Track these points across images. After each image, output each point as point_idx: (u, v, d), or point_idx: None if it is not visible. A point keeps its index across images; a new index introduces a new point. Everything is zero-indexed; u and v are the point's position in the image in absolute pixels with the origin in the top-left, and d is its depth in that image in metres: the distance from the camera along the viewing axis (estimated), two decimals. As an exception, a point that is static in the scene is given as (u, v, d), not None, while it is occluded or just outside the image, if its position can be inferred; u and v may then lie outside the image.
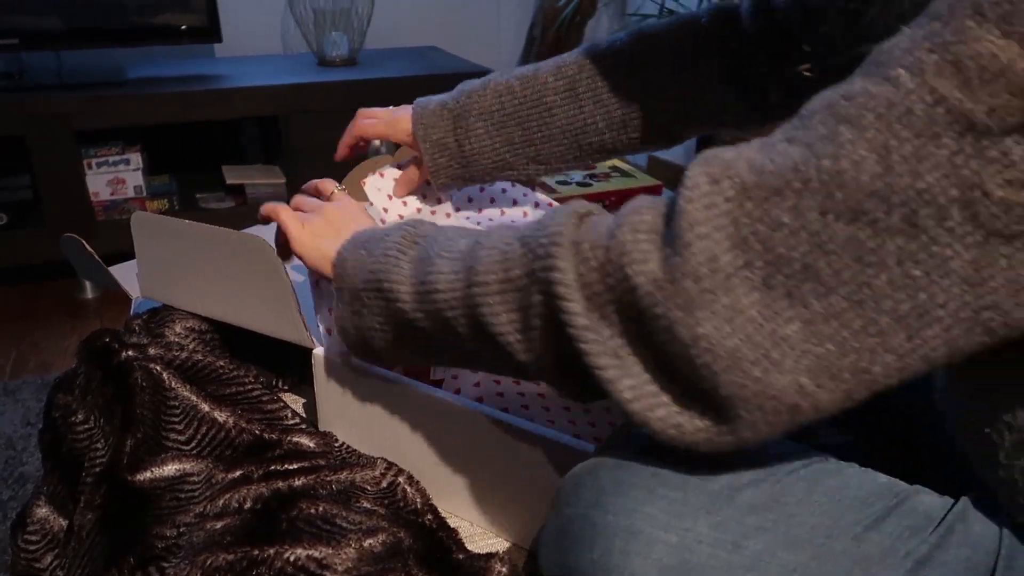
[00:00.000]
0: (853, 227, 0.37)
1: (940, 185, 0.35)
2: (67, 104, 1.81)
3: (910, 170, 0.36)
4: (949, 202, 0.35)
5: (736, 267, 0.39)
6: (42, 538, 0.73)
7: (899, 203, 0.36)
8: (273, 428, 0.73)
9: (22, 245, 1.88)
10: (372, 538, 0.60)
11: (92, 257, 0.87)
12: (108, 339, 0.76)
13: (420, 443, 0.68)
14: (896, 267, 0.37)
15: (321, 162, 2.06)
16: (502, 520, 0.66)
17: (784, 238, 0.38)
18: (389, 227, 0.59)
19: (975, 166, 0.35)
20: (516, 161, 0.80)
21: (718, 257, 0.39)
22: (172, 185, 2.09)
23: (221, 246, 0.75)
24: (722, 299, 0.39)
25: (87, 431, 0.74)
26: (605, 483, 0.46)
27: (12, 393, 1.53)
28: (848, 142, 0.37)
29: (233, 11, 2.26)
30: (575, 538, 0.45)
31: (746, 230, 0.39)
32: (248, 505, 0.64)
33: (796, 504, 0.44)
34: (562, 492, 0.48)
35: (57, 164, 1.85)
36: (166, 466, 0.68)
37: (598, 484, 0.46)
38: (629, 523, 0.43)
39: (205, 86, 1.94)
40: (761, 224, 0.38)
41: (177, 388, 0.72)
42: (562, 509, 0.47)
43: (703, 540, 0.42)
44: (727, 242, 0.39)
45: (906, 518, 0.45)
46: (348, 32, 2.22)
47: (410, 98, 0.85)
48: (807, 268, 0.38)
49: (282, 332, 0.74)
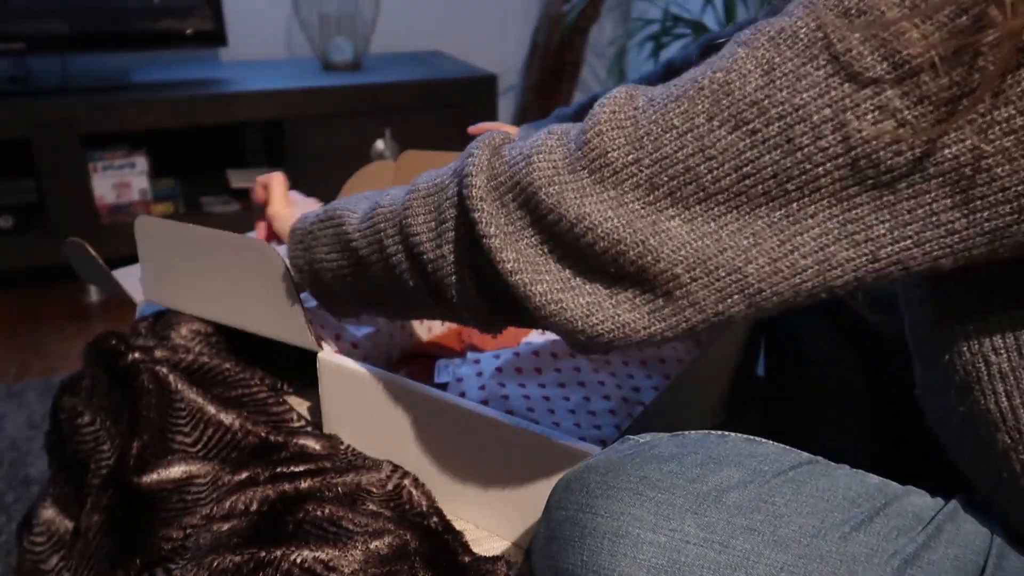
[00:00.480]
0: (735, 135, 0.40)
1: (815, 104, 0.38)
2: (73, 108, 1.82)
3: (789, 86, 0.39)
4: (822, 121, 0.38)
5: (625, 163, 0.43)
6: (48, 539, 0.73)
7: (777, 116, 0.39)
8: (279, 431, 0.73)
9: (27, 249, 1.89)
10: (378, 540, 0.60)
11: (96, 261, 0.88)
12: (115, 342, 0.76)
13: (425, 445, 0.69)
14: (771, 180, 0.40)
15: (325, 166, 2.07)
16: (507, 522, 0.66)
17: (672, 139, 0.42)
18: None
19: (847, 90, 0.37)
20: None
21: (609, 153, 0.43)
22: (177, 189, 2.10)
23: (225, 250, 0.75)
24: (610, 191, 0.43)
25: (93, 433, 0.75)
26: (593, 486, 0.46)
27: (17, 396, 1.53)
28: (740, 58, 0.40)
29: (238, 16, 2.27)
30: (564, 541, 0.45)
31: (642, 131, 0.43)
32: (255, 507, 0.64)
33: (784, 504, 0.44)
34: (552, 496, 0.49)
35: (62, 168, 1.85)
36: (172, 468, 0.68)
37: (586, 487, 0.46)
38: (617, 525, 0.44)
39: (210, 90, 1.94)
40: (655, 126, 0.42)
41: (183, 390, 0.72)
42: (552, 513, 0.48)
43: (691, 540, 0.43)
44: (622, 139, 0.43)
45: (894, 518, 0.45)
46: (353, 37, 2.22)
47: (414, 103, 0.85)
48: (689, 170, 0.41)
49: (287, 336, 0.75)
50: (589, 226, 0.43)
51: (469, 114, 2.10)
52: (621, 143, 0.43)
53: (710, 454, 0.47)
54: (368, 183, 1.29)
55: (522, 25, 2.55)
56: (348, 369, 0.71)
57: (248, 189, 2.08)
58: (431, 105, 2.08)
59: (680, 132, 0.41)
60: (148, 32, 1.95)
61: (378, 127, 2.07)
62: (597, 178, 0.43)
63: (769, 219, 0.41)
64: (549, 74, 2.41)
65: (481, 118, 2.12)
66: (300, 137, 2.02)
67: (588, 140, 0.44)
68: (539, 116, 2.47)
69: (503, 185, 0.47)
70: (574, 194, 0.44)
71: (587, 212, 0.43)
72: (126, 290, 0.91)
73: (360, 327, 0.83)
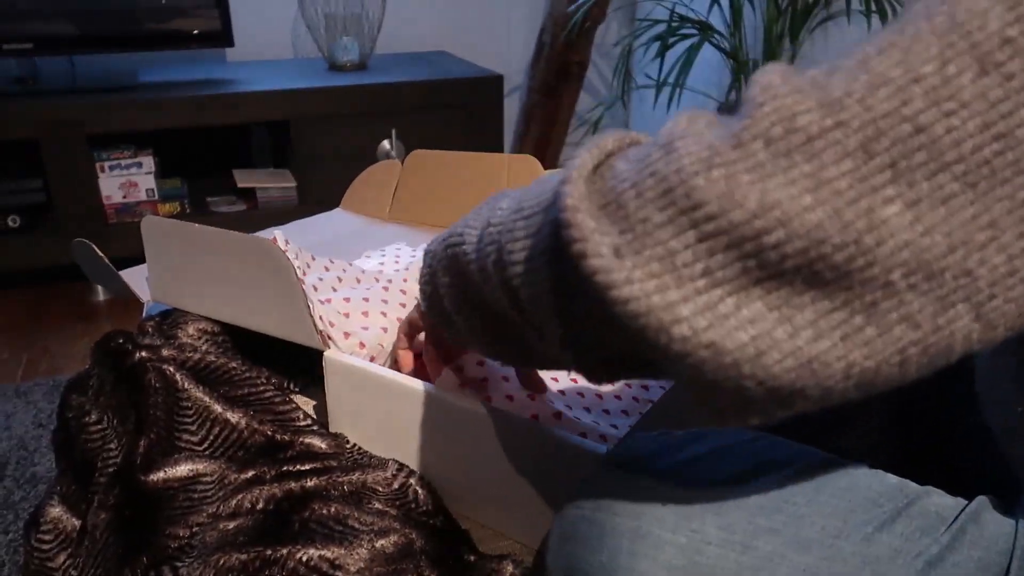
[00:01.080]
0: (983, 81, 0.30)
1: None
2: (81, 108, 1.83)
3: None
4: None
5: (823, 128, 0.31)
6: (55, 538, 0.73)
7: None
8: (285, 429, 0.73)
9: (34, 248, 1.89)
10: (384, 539, 0.60)
11: (103, 262, 0.88)
12: (122, 340, 0.76)
13: (431, 444, 0.69)
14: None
15: (331, 166, 2.07)
16: (513, 520, 0.66)
17: (890, 94, 0.30)
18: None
19: None
20: None
21: (798, 117, 0.31)
22: (183, 188, 2.10)
23: (231, 249, 0.75)
24: (802, 165, 0.31)
25: (100, 431, 0.75)
26: (611, 484, 0.45)
27: (24, 395, 1.54)
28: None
29: (245, 16, 2.27)
30: (582, 540, 0.45)
31: (838, 92, 0.31)
32: (261, 506, 0.64)
33: (805, 505, 0.44)
34: (568, 496, 0.48)
35: (70, 167, 1.86)
36: (179, 467, 0.68)
37: (604, 486, 0.45)
38: (637, 524, 0.43)
39: (217, 90, 1.95)
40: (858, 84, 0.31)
41: (190, 389, 0.72)
42: (568, 511, 0.47)
43: (712, 541, 0.42)
44: (812, 102, 0.31)
45: (917, 518, 0.44)
46: (359, 37, 2.23)
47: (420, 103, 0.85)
48: (920, 131, 0.30)
49: (293, 334, 0.75)
50: (780, 219, 0.30)
51: (475, 114, 2.10)
52: (811, 106, 0.31)
53: (728, 452, 0.46)
54: (374, 184, 1.29)
55: (528, 25, 2.56)
56: (354, 368, 0.71)
57: (254, 189, 2.08)
58: (437, 105, 2.09)
59: (900, 85, 0.30)
60: (155, 32, 1.96)
61: (384, 127, 2.07)
62: (782, 149, 0.31)
63: (1014, 201, 0.31)
64: (555, 74, 2.41)
65: (487, 118, 2.12)
66: (306, 137, 2.02)
67: (760, 105, 0.31)
68: (545, 117, 2.47)
69: (622, 184, 0.34)
70: (750, 175, 0.31)
71: (776, 199, 0.30)
72: (133, 290, 0.91)
73: (366, 326, 0.83)
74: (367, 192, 1.29)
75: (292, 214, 1.95)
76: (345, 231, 1.22)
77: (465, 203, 1.17)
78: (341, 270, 0.93)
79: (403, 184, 1.25)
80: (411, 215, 1.24)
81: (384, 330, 0.84)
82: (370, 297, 0.85)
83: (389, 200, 1.27)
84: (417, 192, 1.23)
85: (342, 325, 0.80)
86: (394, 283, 0.88)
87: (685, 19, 2.22)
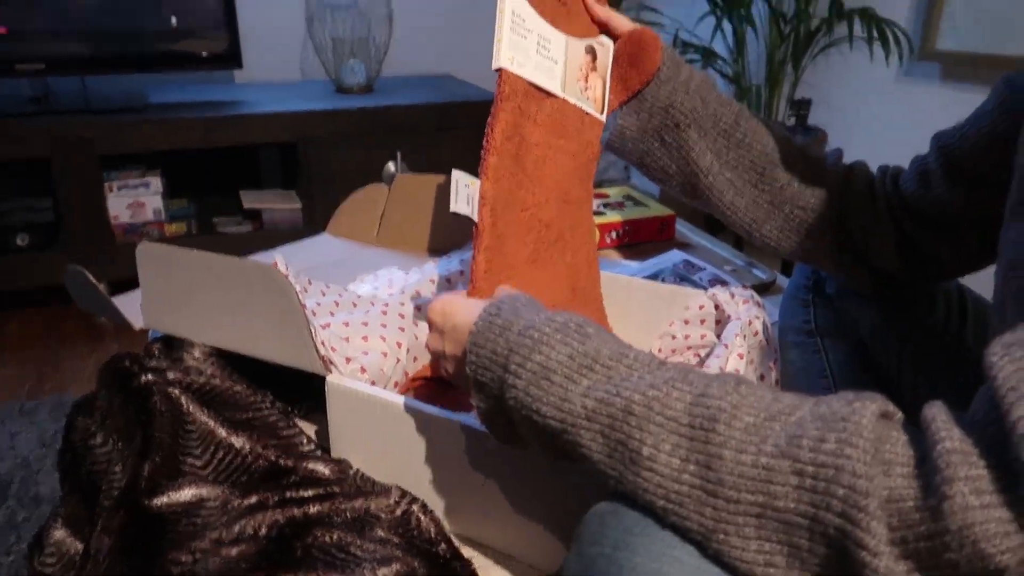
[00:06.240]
0: None
1: None
2: (92, 128, 1.85)
3: None
4: None
5: None
6: (58, 560, 0.74)
7: None
8: (289, 454, 0.74)
9: (42, 267, 1.91)
10: (386, 567, 0.60)
11: (96, 289, 0.87)
12: (128, 363, 0.77)
13: (434, 468, 0.69)
14: None
15: (338, 187, 2.08)
16: (517, 545, 0.66)
17: None
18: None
19: None
20: (705, 139, 0.78)
21: None
22: (190, 209, 2.12)
23: (230, 275, 0.75)
24: None
25: (106, 454, 0.75)
26: (630, 523, 0.45)
27: (29, 414, 1.55)
28: None
29: (253, 38, 2.30)
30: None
31: None
32: (263, 532, 0.64)
33: None
34: (586, 530, 0.47)
35: (80, 187, 1.88)
36: (183, 491, 0.68)
37: (623, 524, 0.45)
38: (658, 567, 0.42)
39: (225, 112, 1.97)
40: None
41: (195, 413, 0.73)
42: (585, 548, 0.46)
43: None
44: None
45: None
46: (366, 60, 2.25)
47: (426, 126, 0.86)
48: None
49: (294, 360, 0.75)
50: None
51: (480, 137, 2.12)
52: None
53: None
54: (361, 207, 1.30)
55: (534, 49, 2.58)
56: (356, 393, 0.71)
57: (260, 210, 2.10)
58: (442, 128, 2.10)
59: None
60: (165, 54, 1.98)
61: (390, 149, 2.09)
62: None
63: None
64: (560, 97, 2.42)
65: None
66: (313, 158, 2.04)
67: None
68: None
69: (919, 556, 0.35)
70: None
71: None
72: (126, 317, 0.90)
73: (366, 351, 0.83)
74: (354, 216, 1.30)
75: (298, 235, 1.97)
76: (334, 256, 1.22)
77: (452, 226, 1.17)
78: (337, 294, 0.93)
79: (390, 208, 1.26)
80: (398, 239, 1.24)
81: (384, 355, 0.84)
82: (369, 321, 0.85)
83: (376, 224, 1.27)
84: (406, 215, 1.24)
85: (343, 350, 0.80)
86: (391, 306, 0.89)
87: (688, 45, 2.24)
